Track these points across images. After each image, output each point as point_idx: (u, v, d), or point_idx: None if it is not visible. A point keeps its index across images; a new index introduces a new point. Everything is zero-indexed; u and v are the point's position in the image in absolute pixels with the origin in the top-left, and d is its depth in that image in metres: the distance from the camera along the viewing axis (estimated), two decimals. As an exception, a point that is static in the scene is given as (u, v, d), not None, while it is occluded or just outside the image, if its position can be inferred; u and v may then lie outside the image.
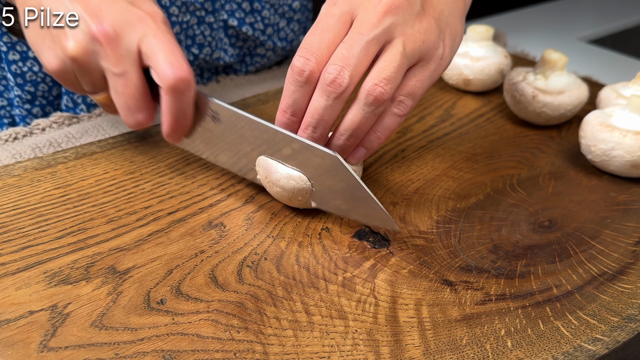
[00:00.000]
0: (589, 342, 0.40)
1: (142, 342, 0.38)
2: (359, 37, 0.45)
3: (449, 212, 0.51)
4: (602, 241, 0.49)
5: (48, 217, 0.48)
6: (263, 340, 0.39)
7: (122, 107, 0.49)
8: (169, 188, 0.52)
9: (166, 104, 0.48)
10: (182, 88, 0.47)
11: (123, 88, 0.48)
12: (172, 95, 0.47)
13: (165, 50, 0.46)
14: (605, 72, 0.89)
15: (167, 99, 0.48)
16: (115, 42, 0.46)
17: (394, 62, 0.46)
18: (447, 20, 0.50)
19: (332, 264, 0.45)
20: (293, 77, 0.46)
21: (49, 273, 0.43)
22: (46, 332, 0.39)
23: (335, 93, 0.45)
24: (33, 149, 0.58)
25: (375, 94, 0.46)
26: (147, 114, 0.49)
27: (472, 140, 0.62)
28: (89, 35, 0.46)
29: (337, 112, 0.47)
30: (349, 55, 0.45)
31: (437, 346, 0.39)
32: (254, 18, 0.71)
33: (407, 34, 0.47)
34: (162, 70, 0.46)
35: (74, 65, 0.48)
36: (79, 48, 0.47)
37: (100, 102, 0.51)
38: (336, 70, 0.45)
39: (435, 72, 0.50)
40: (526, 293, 0.43)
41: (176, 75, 0.46)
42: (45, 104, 0.67)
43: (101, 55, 0.47)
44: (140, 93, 0.48)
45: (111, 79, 0.48)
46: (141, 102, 0.49)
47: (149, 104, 0.49)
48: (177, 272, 0.44)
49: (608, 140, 0.54)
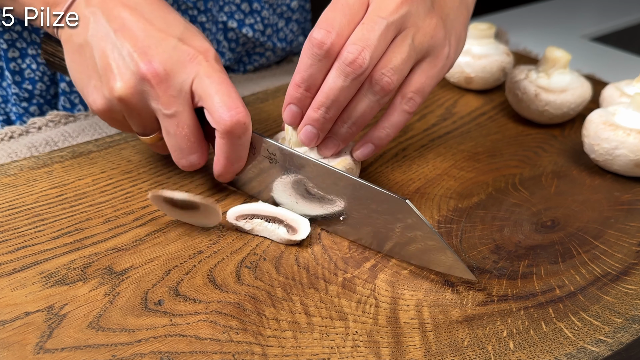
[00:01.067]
0: (592, 343, 0.40)
1: (139, 344, 0.38)
2: (380, 20, 0.45)
3: (450, 211, 0.51)
4: (605, 241, 0.49)
5: (44, 217, 0.48)
6: (262, 341, 0.39)
7: (174, 149, 0.48)
8: (166, 187, 0.52)
9: (221, 147, 0.47)
10: (239, 132, 0.46)
11: (175, 129, 0.47)
12: (228, 139, 0.47)
13: (220, 92, 0.46)
14: (609, 70, 0.89)
15: (222, 142, 0.47)
16: (166, 82, 0.45)
17: (402, 54, 0.46)
18: (453, 24, 0.51)
19: (332, 265, 0.45)
20: (312, 50, 0.45)
21: (45, 274, 0.43)
22: (42, 334, 0.39)
23: (355, 74, 0.45)
24: (29, 147, 0.58)
25: (382, 82, 0.46)
26: (201, 155, 0.49)
27: (473, 139, 0.62)
28: (138, 76, 0.45)
29: (351, 94, 0.46)
30: (370, 37, 0.45)
31: (439, 348, 0.39)
32: (253, 19, 0.71)
33: (419, 27, 0.47)
34: (219, 114, 0.46)
35: (122, 106, 0.47)
36: (128, 88, 0.46)
37: (150, 143, 0.50)
38: (357, 50, 0.44)
39: (442, 71, 0.50)
40: (529, 294, 0.43)
41: (233, 119, 0.45)
42: (43, 102, 0.67)
43: (151, 96, 0.46)
44: (194, 134, 0.48)
45: (163, 120, 0.47)
46: (195, 143, 0.48)
47: (202, 145, 0.49)
48: (175, 272, 0.44)
49: (611, 139, 0.54)
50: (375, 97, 0.46)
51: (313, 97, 0.47)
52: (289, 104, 0.48)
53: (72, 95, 0.66)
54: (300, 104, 0.47)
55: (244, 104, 0.47)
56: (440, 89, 0.70)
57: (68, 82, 0.66)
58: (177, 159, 0.49)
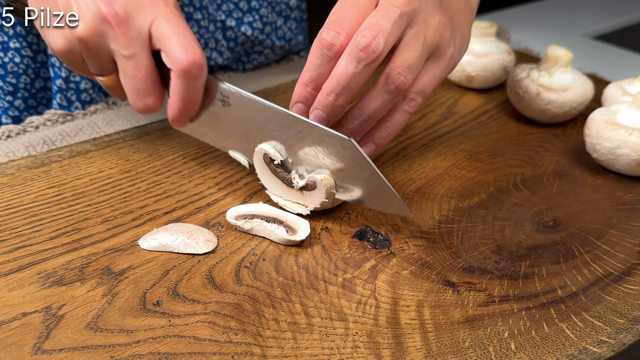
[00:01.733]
0: (595, 344, 0.40)
1: (137, 345, 0.38)
2: (394, 9, 0.45)
3: (451, 211, 0.51)
4: (607, 241, 0.49)
5: (42, 216, 0.48)
6: (261, 342, 0.39)
7: (131, 90, 0.49)
8: (165, 187, 0.52)
9: (176, 88, 0.48)
10: (195, 73, 0.47)
11: (133, 71, 0.47)
12: (184, 79, 0.47)
13: (177, 33, 0.46)
14: (611, 68, 0.88)
15: (177, 83, 0.47)
16: (125, 24, 0.46)
17: (416, 52, 0.46)
18: (458, 24, 0.51)
19: (331, 265, 0.45)
20: (321, 51, 0.45)
21: (43, 274, 0.43)
22: (40, 335, 0.39)
23: (367, 59, 0.44)
24: (26, 147, 0.58)
25: (398, 82, 0.46)
26: (157, 98, 0.49)
27: (474, 139, 0.62)
28: (99, 17, 0.46)
29: (363, 81, 0.46)
30: (384, 23, 0.45)
31: (439, 349, 0.39)
32: (252, 17, 0.71)
33: (429, 24, 0.47)
34: (175, 54, 0.46)
35: (82, 47, 0.47)
36: (88, 29, 0.46)
37: (107, 85, 0.51)
38: (371, 35, 0.44)
39: (444, 71, 0.50)
40: (530, 294, 0.43)
41: (189, 59, 0.46)
42: (28, 96, 0.67)
43: (110, 37, 0.46)
44: (150, 76, 0.48)
45: (120, 61, 0.47)
46: (151, 85, 0.48)
47: (158, 88, 0.49)
48: (173, 273, 0.44)
49: (614, 139, 0.54)
50: (390, 97, 0.46)
51: None
52: (296, 102, 0.48)
53: (68, 92, 0.66)
54: (307, 102, 0.47)
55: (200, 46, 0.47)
56: (441, 87, 0.70)
57: (64, 79, 0.66)
58: (133, 101, 0.49)
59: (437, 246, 0.47)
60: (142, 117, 0.63)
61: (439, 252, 0.47)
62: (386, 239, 0.48)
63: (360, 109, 0.47)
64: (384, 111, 0.48)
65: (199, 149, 0.57)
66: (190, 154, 0.56)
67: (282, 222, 0.47)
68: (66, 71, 0.65)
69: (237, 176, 0.54)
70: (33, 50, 0.65)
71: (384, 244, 0.47)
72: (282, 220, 0.47)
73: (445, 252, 0.47)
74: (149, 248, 0.46)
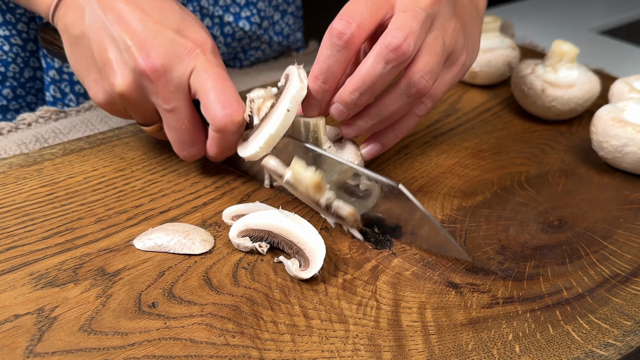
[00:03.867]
0: (601, 347, 0.40)
1: (132, 348, 0.38)
2: (420, 11, 0.45)
3: (454, 211, 0.51)
4: (614, 241, 0.49)
5: (34, 216, 0.48)
6: (259, 345, 0.39)
7: (175, 141, 0.50)
8: (161, 186, 0.52)
9: (213, 140, 0.49)
10: (232, 130, 0.47)
11: (175, 123, 0.49)
12: (221, 134, 0.48)
13: (215, 88, 0.47)
14: (618, 64, 0.88)
15: (214, 136, 0.48)
16: (164, 77, 0.46)
17: (437, 56, 0.47)
18: (470, 32, 0.52)
19: (331, 266, 0.45)
20: (331, 41, 0.45)
21: (35, 275, 0.43)
22: (32, 337, 0.39)
23: (397, 61, 0.44)
24: (18, 144, 0.58)
25: (420, 86, 0.46)
26: (202, 147, 0.51)
27: (478, 136, 0.62)
28: (137, 71, 0.46)
29: (388, 81, 0.46)
30: (414, 24, 0.44)
31: (442, 351, 0.39)
32: (249, 11, 0.71)
33: (446, 29, 0.48)
34: (213, 111, 0.47)
35: (123, 101, 0.48)
36: (127, 85, 0.47)
37: (152, 132, 0.52)
38: (403, 36, 0.44)
39: (456, 77, 0.51)
40: (535, 296, 0.43)
41: (227, 118, 0.47)
42: (17, 85, 0.67)
43: (150, 91, 0.47)
44: (194, 127, 0.49)
45: (163, 114, 0.49)
46: (195, 135, 0.50)
47: (202, 137, 0.50)
48: (169, 274, 0.44)
49: (621, 136, 0.54)
50: (409, 100, 0.47)
51: (331, 89, 0.47)
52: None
53: (62, 83, 0.66)
54: (318, 96, 0.47)
55: (240, 99, 0.48)
56: (443, 84, 0.70)
57: (57, 70, 0.66)
58: (178, 151, 0.51)
59: (439, 246, 0.47)
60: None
61: (442, 252, 0.47)
62: (387, 239, 0.48)
63: (378, 109, 0.48)
64: (401, 114, 0.48)
65: (196, 147, 0.57)
66: (187, 152, 0.56)
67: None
68: (59, 61, 0.65)
69: (234, 175, 0.54)
70: (22, 39, 0.65)
71: (385, 244, 0.47)
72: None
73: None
74: (144, 248, 0.46)
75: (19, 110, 0.68)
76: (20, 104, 0.68)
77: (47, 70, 0.66)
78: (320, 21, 0.70)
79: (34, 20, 0.65)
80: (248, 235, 0.46)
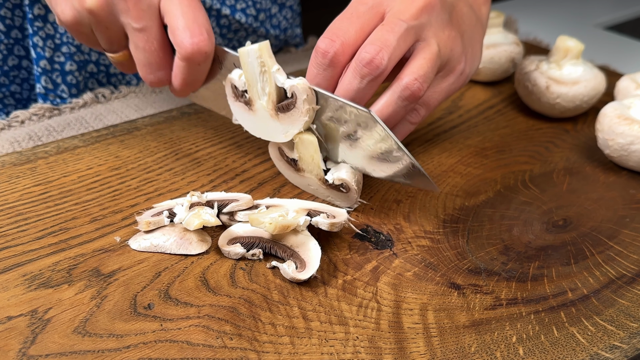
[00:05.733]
0: (607, 349, 0.40)
1: (128, 350, 0.38)
2: (400, 23, 0.46)
3: (456, 210, 0.51)
4: (620, 242, 0.49)
5: (27, 215, 0.48)
6: (258, 347, 0.39)
7: (143, 64, 0.49)
8: (156, 185, 0.52)
9: (179, 69, 0.48)
10: (199, 60, 0.47)
11: (144, 44, 0.48)
12: (187, 64, 0.47)
13: (185, 14, 0.46)
14: (624, 60, 0.89)
15: (180, 65, 0.48)
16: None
17: (430, 62, 0.47)
18: (470, 41, 0.52)
19: (331, 266, 0.45)
20: (316, 60, 0.46)
21: (29, 276, 0.43)
22: (25, 339, 0.39)
23: (371, 75, 0.45)
24: (11, 143, 0.58)
25: (413, 89, 0.46)
26: (169, 72, 0.50)
27: (481, 134, 0.62)
28: None
29: (368, 96, 0.47)
30: (389, 37, 0.45)
31: (444, 354, 0.39)
32: (245, 3, 0.72)
33: (440, 37, 0.48)
34: (180, 38, 0.46)
35: (91, 19, 0.48)
36: (98, 1, 0.47)
37: (117, 61, 0.51)
38: (375, 51, 0.45)
39: (452, 86, 0.51)
40: (539, 297, 0.43)
41: (194, 46, 0.46)
42: (0, 74, 0.67)
43: (121, 10, 0.47)
44: (163, 49, 0.49)
45: (132, 34, 0.48)
46: (163, 58, 0.49)
47: (171, 61, 0.50)
48: (165, 274, 0.44)
49: (627, 134, 0.54)
50: (404, 103, 0.47)
51: None
52: None
53: (53, 73, 0.66)
54: None
55: (210, 29, 0.47)
56: (445, 80, 0.70)
57: (48, 60, 0.65)
58: (145, 75, 0.50)
59: (441, 247, 0.47)
60: (132, 111, 0.63)
61: (444, 252, 0.47)
62: (388, 239, 0.48)
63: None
64: (396, 119, 0.48)
65: (192, 145, 0.57)
66: (183, 150, 0.56)
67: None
68: (50, 51, 0.65)
69: (231, 173, 0.54)
70: (6, 25, 0.65)
71: (386, 244, 0.47)
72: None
73: (450, 253, 0.47)
74: (139, 249, 0.46)
75: (2, 99, 0.68)
76: (4, 93, 0.68)
77: (37, 61, 0.66)
78: (320, 16, 0.70)
79: (19, 7, 0.65)
80: (239, 242, 0.45)
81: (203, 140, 0.58)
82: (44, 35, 0.65)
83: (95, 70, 0.69)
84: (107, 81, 0.70)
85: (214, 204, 0.47)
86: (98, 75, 0.69)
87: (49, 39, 0.65)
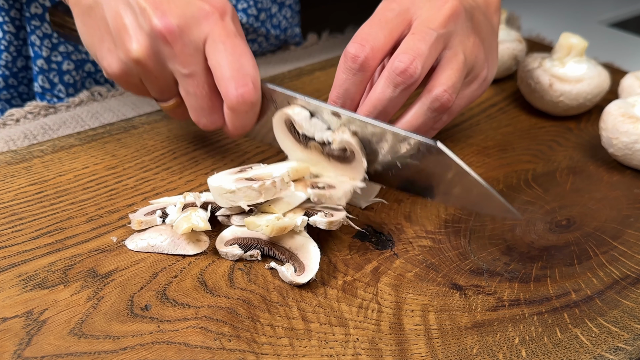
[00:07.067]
0: (611, 351, 0.40)
1: (124, 352, 0.38)
2: (430, 32, 0.47)
3: (458, 210, 0.51)
4: (624, 242, 0.49)
5: (22, 215, 0.48)
6: (256, 349, 0.39)
7: (195, 109, 0.49)
8: (154, 184, 0.52)
9: (227, 117, 0.48)
10: (245, 109, 0.47)
11: (195, 89, 0.48)
12: (234, 113, 0.47)
13: (231, 63, 0.46)
14: (628, 58, 0.88)
15: (228, 113, 0.48)
16: (181, 40, 0.46)
17: (458, 72, 0.48)
18: (489, 47, 0.53)
19: (331, 267, 0.45)
20: (346, 65, 0.47)
21: (24, 276, 0.43)
22: (21, 341, 0.39)
23: (405, 84, 0.46)
24: (6, 141, 0.58)
25: (443, 100, 0.47)
26: (222, 114, 0.50)
27: (483, 132, 0.62)
28: (153, 33, 0.46)
29: (400, 104, 0.48)
30: (421, 46, 0.46)
31: (446, 356, 0.39)
32: (246, 3, 0.72)
33: (466, 45, 0.49)
34: (225, 88, 0.46)
35: (139, 69, 0.47)
36: (144, 49, 0.46)
37: (169, 110, 0.51)
38: (408, 60, 0.46)
39: (475, 92, 0.52)
40: (542, 298, 0.43)
41: (239, 98, 0.46)
42: (9, 74, 0.67)
43: (168, 56, 0.46)
44: (215, 93, 0.48)
45: (181, 80, 0.48)
46: (216, 102, 0.49)
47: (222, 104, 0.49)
48: (162, 275, 0.44)
49: (631, 133, 0.54)
50: (433, 114, 0.48)
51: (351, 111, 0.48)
52: None
53: (50, 73, 0.66)
54: None
55: (256, 76, 0.47)
56: (447, 78, 0.70)
57: (45, 59, 0.65)
58: (197, 119, 0.50)
59: (443, 247, 0.47)
60: (129, 109, 0.63)
61: (445, 253, 0.47)
62: (389, 240, 0.48)
63: (403, 126, 0.48)
64: (425, 129, 0.49)
65: (190, 144, 0.57)
66: (181, 149, 0.56)
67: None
68: (47, 50, 0.65)
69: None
70: (16, 26, 0.65)
71: (386, 244, 0.47)
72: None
73: (452, 253, 0.47)
74: (136, 249, 0.46)
75: (10, 100, 0.68)
76: (12, 94, 0.68)
77: (34, 60, 0.66)
78: (318, 14, 0.70)
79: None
80: (236, 243, 0.45)
81: (201, 138, 0.58)
82: (41, 35, 0.65)
83: (92, 69, 0.69)
84: (104, 81, 0.70)
85: (208, 206, 0.47)
86: (95, 75, 0.69)
87: (46, 38, 0.65)
